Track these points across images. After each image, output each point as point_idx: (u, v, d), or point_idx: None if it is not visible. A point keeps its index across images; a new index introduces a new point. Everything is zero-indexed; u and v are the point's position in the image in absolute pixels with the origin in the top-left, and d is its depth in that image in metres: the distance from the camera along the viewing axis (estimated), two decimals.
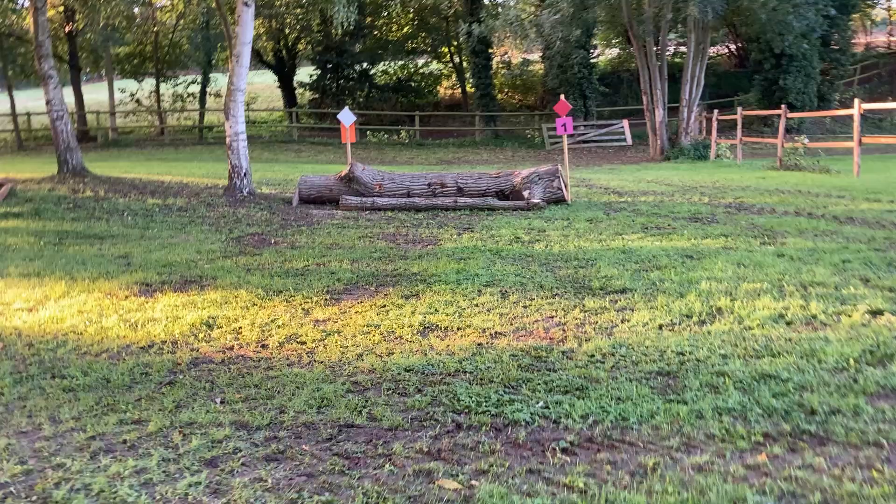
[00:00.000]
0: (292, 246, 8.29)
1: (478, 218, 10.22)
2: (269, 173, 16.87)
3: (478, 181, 11.30)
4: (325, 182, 11.55)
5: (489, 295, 5.70)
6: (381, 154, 27.44)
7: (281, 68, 35.99)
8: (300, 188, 11.53)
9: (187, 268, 7.07)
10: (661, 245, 7.69)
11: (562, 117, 11.27)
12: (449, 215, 10.53)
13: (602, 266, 6.65)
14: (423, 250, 7.89)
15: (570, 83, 29.35)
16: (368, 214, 10.70)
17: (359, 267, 7.01)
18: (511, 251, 7.62)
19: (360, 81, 34.95)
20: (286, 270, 6.91)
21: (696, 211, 10.15)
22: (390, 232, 9.20)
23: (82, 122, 32.11)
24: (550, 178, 11.08)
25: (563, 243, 8.04)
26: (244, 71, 11.40)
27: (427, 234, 9.03)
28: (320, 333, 4.80)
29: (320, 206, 11.35)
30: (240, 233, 9.19)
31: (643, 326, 4.78)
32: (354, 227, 9.56)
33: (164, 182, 13.33)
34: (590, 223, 9.43)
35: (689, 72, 20.40)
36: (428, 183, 11.33)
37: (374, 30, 36.13)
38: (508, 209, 10.76)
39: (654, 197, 11.71)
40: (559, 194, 11.09)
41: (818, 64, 30.72)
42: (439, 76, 38.81)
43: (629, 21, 20.18)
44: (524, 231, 8.96)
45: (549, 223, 9.51)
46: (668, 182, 13.96)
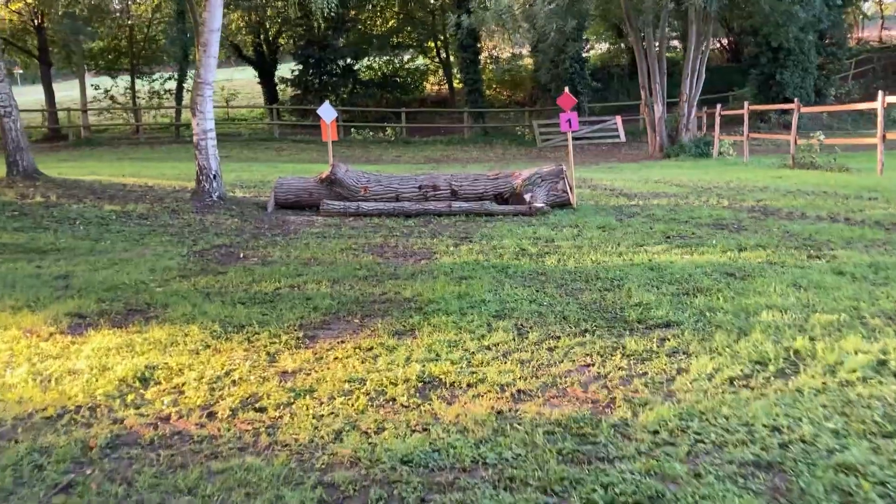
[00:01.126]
0: (263, 261, 7.14)
1: (475, 225, 9.10)
2: (246, 174, 15.68)
3: (474, 183, 10.18)
4: (304, 185, 10.39)
5: (502, 331, 4.58)
6: (367, 152, 26.27)
7: (261, 63, 34.71)
8: (276, 192, 10.37)
9: (135, 292, 5.90)
10: (693, 260, 6.60)
11: (566, 112, 10.17)
12: (443, 222, 9.41)
13: (632, 288, 5.55)
14: (416, 266, 6.76)
15: (562, 78, 28.28)
16: (352, 221, 9.56)
17: (340, 290, 5.87)
18: (519, 268, 6.50)
19: (344, 77, 33.73)
20: (253, 295, 5.76)
21: (718, 216, 9.08)
22: (377, 243, 8.06)
23: (53, 119, 30.73)
24: (554, 179, 9.98)
25: (577, 257, 6.93)
26: (212, 62, 10.22)
27: (419, 245, 7.90)
28: (287, 394, 3.66)
29: (299, 212, 10.19)
30: (204, 245, 8.01)
31: (709, 381, 3.68)
32: (336, 237, 8.42)
33: (127, 185, 12.11)
34: (603, 231, 8.34)
35: (690, 66, 19.38)
36: (419, 185, 10.19)
37: (357, 23, 34.91)
38: (509, 214, 9.64)
39: (668, 200, 10.63)
40: (564, 198, 9.99)
41: (815, 58, 29.86)
42: (426, 71, 37.67)
43: (627, 12, 19.13)
44: (530, 241, 7.84)
45: (556, 231, 8.40)
46: (677, 182, 12.89)
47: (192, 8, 11.05)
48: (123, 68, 33.39)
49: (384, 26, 35.89)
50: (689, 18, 18.71)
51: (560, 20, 18.11)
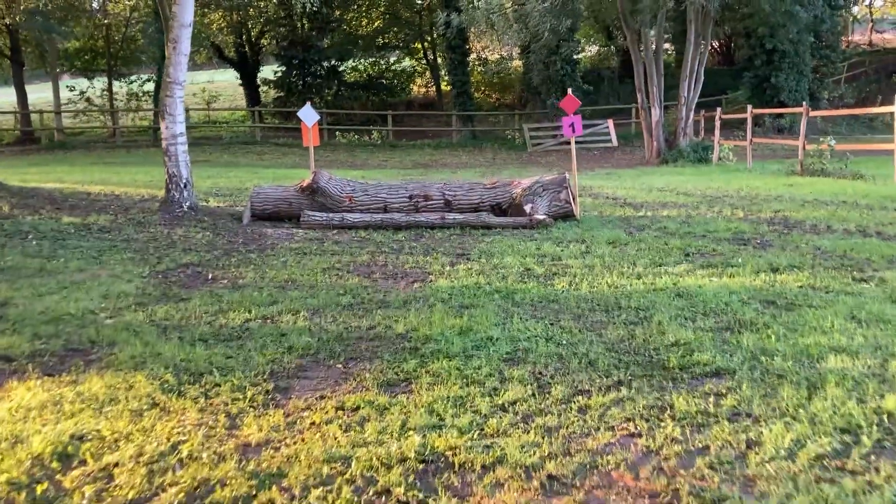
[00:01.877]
0: (234, 285, 6.27)
1: (472, 239, 8.27)
2: (223, 180, 14.78)
3: (469, 193, 9.35)
4: (284, 194, 9.52)
5: (518, 383, 3.75)
6: (352, 156, 25.40)
7: (244, 65, 33.75)
8: (253, 202, 9.49)
9: (80, 325, 5.02)
10: (723, 284, 5.80)
11: (569, 115, 9.37)
12: (436, 235, 8.57)
13: (663, 322, 4.74)
14: (409, 291, 5.93)
15: (553, 80, 27.57)
16: (336, 234, 8.70)
17: (321, 323, 5.02)
18: (527, 293, 5.68)
19: (329, 79, 32.83)
20: (217, 330, 4.90)
21: (737, 229, 8.31)
22: (364, 261, 7.21)
23: (25, 121, 29.65)
24: (557, 189, 9.17)
25: (591, 279, 6.12)
26: (183, 59, 9.34)
27: (411, 263, 7.07)
28: (248, 482, 2.81)
29: (277, 224, 9.32)
30: (169, 264, 7.13)
31: (791, 461, 2.87)
32: (318, 254, 7.56)
33: (92, 194, 11.18)
34: (613, 247, 7.53)
35: (688, 68, 18.66)
36: (409, 195, 9.35)
37: (342, 24, 34.04)
38: (508, 227, 8.83)
39: (678, 210, 9.85)
40: (567, 209, 9.19)
41: (810, 61, 29.33)
42: (412, 73, 36.85)
43: (623, 11, 18.40)
44: (535, 259, 7.03)
45: (562, 247, 7.59)
46: (683, 190, 12.13)
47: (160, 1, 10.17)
48: (100, 69, 32.37)
49: (370, 27, 35.05)
50: (688, 18, 18.01)
51: (554, 19, 17.34)
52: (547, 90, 27.98)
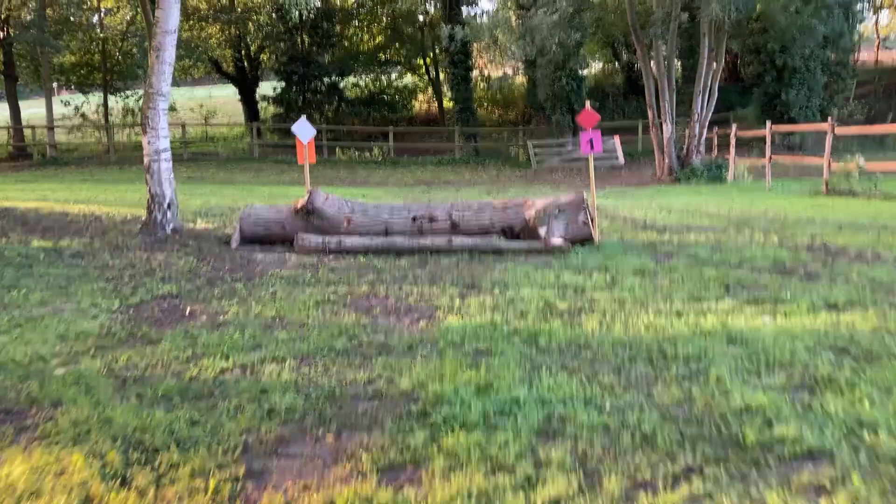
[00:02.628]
0: (213, 322, 5.46)
1: (482, 266, 7.47)
2: (215, 199, 13.99)
3: (478, 214, 8.55)
4: (276, 216, 8.73)
5: (558, 470, 2.93)
6: (352, 173, 24.65)
7: (242, 80, 33.10)
8: (242, 224, 8.69)
9: (22, 377, 4.21)
10: (781, 326, 4.99)
11: (587, 131, 8.59)
12: (442, 261, 7.77)
13: (723, 378, 3.93)
14: (414, 331, 5.12)
15: (558, 97, 26.88)
16: (333, 260, 7.90)
17: (310, 374, 4.21)
18: (552, 336, 4.86)
19: (329, 95, 32.19)
20: (186, 385, 4.08)
21: (775, 257, 7.50)
22: (362, 292, 6.40)
23: (18, 136, 28.95)
24: (574, 210, 8.37)
25: (624, 318, 5.31)
26: (167, 69, 8.58)
27: (416, 295, 6.26)
28: None
29: (269, 248, 8.51)
30: (145, 295, 6.32)
31: None
32: (311, 284, 6.76)
33: (70, 214, 10.39)
34: (643, 278, 6.73)
35: (701, 83, 17.93)
36: (413, 216, 8.56)
37: (343, 39, 33.42)
38: (521, 253, 8.02)
39: (705, 235, 9.05)
40: (585, 232, 8.38)
41: (822, 78, 28.66)
42: (414, 89, 36.19)
43: (633, 25, 17.71)
44: (556, 292, 6.22)
45: (584, 277, 6.78)
46: (704, 211, 11.34)
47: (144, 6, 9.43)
48: (96, 84, 31.71)
49: (371, 42, 34.45)
50: (701, 31, 17.31)
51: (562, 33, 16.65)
52: (552, 106, 27.29)
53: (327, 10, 32.16)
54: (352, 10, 33.78)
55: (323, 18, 31.69)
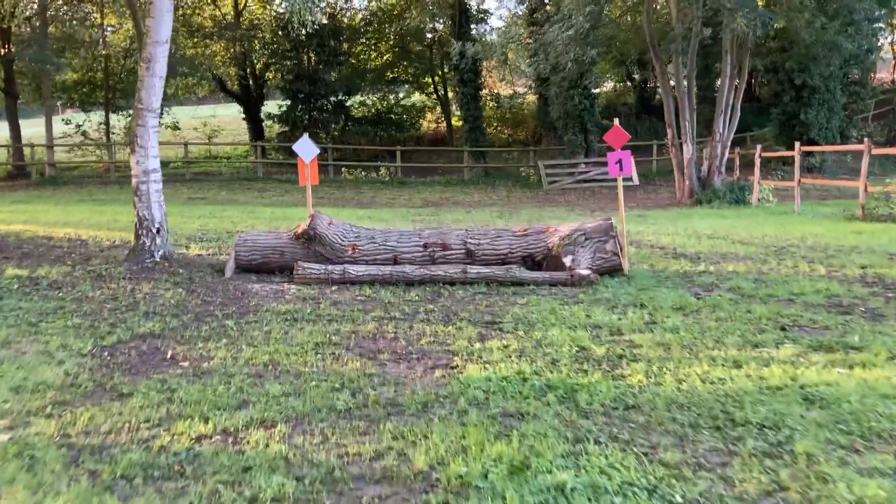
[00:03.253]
0: (197, 369, 4.72)
1: (502, 300, 6.72)
2: (214, 221, 13.29)
3: (495, 241, 7.81)
4: (275, 242, 8.00)
5: None
6: (358, 194, 23.97)
7: (247, 98, 32.55)
8: (238, 251, 7.97)
9: None
10: (860, 380, 4.23)
11: (616, 151, 7.86)
12: (457, 293, 7.03)
13: (814, 455, 3.18)
14: (429, 384, 4.37)
15: (571, 115, 26.21)
16: (336, 291, 7.16)
17: (304, 445, 3.46)
18: (593, 392, 4.11)
19: (336, 113, 31.59)
20: (152, 459, 3.33)
21: (828, 292, 6.74)
22: (368, 332, 5.66)
23: (18, 155, 28.39)
24: (602, 238, 7.62)
25: (673, 368, 4.55)
26: (157, 82, 7.90)
27: (429, 336, 5.51)
28: None
29: (266, 278, 7.79)
30: (123, 334, 5.59)
31: None
32: (311, 320, 6.02)
33: (53, 238, 9.70)
34: (685, 316, 5.97)
35: (723, 101, 17.22)
36: (424, 244, 7.82)
37: (350, 57, 32.88)
38: (544, 284, 7.27)
39: (743, 264, 8.29)
40: (614, 262, 7.63)
41: (841, 97, 27.96)
42: (422, 108, 35.58)
43: (651, 41, 17.05)
44: (588, 333, 5.47)
45: (619, 315, 6.03)
46: (736, 237, 10.57)
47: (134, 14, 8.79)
48: (98, 102, 31.21)
49: (379, 60, 33.90)
50: (723, 48, 16.64)
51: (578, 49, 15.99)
52: (564, 126, 26.61)
53: (334, 27, 31.66)
54: (359, 27, 33.26)
55: (330, 36, 31.17)
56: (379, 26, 32.59)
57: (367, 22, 33.30)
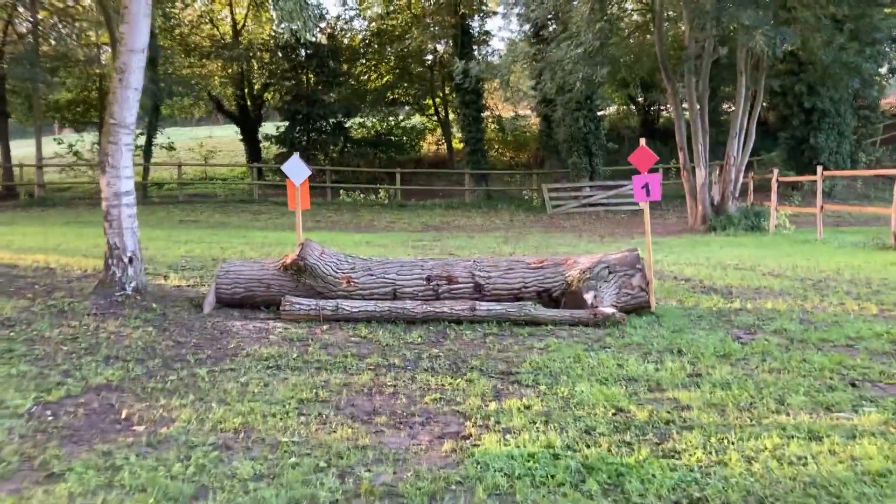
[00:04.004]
0: (152, 437, 3.85)
1: (517, 343, 5.88)
2: (201, 246, 12.44)
3: (507, 274, 6.97)
4: (260, 273, 7.15)
5: None
6: (356, 217, 23.17)
7: (245, 119, 31.84)
8: (219, 284, 7.11)
9: None
10: None
11: (642, 174, 7.04)
12: (465, 334, 6.18)
13: None
14: (435, 463, 3.51)
15: (575, 138, 25.48)
16: (328, 331, 6.32)
17: None
18: (646, 479, 3.25)
19: (334, 135, 30.87)
20: None
21: (890, 335, 5.89)
22: (362, 384, 4.80)
23: (8, 175, 27.59)
24: (627, 271, 6.79)
25: (734, 439, 3.70)
26: (132, 95, 7.09)
27: (434, 391, 4.65)
28: None
29: (250, 314, 6.93)
30: (74, 387, 4.72)
31: None
32: (297, 369, 5.16)
33: (19, 267, 8.84)
34: (731, 366, 5.12)
35: (738, 123, 16.49)
36: (427, 276, 6.98)
37: (350, 78, 32.23)
38: (563, 324, 6.42)
39: (782, 301, 7.44)
40: (641, 299, 6.79)
41: (851, 121, 27.30)
42: (423, 130, 34.90)
43: (662, 61, 16.34)
44: (623, 388, 4.62)
45: (654, 364, 5.18)
46: (765, 269, 9.73)
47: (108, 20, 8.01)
48: (93, 121, 30.49)
49: (379, 82, 33.24)
50: (738, 69, 15.93)
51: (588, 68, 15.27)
52: (568, 149, 25.87)
53: (334, 48, 31.05)
54: (359, 48, 32.64)
55: (329, 56, 30.56)
56: (379, 47, 31.96)
57: (368, 43, 32.71)
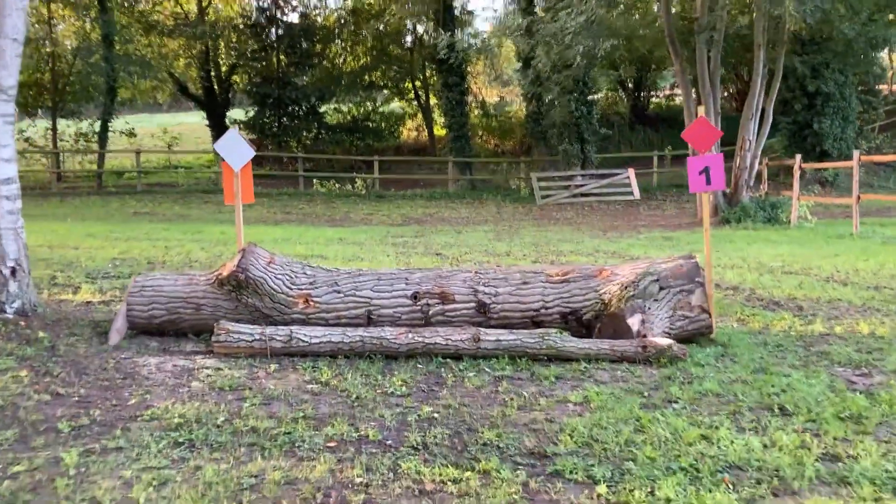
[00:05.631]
0: None
1: (544, 394, 4.14)
2: (142, 245, 10.54)
3: (520, 290, 5.19)
4: (188, 290, 5.30)
5: None
6: (331, 209, 21.28)
7: (211, 104, 29.71)
8: (132, 305, 5.27)
9: None
10: None
11: (701, 154, 5.30)
12: (468, 378, 4.43)
13: None
14: None
15: (566, 124, 23.74)
16: (276, 372, 4.53)
17: None
18: None
19: (308, 120, 28.88)
20: None
21: None
22: (316, 484, 3.02)
23: None
24: (683, 285, 5.05)
25: None
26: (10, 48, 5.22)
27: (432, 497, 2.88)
28: None
29: (173, 346, 5.12)
30: None
31: None
32: (219, 449, 3.38)
33: None
34: (874, 439, 3.39)
35: (754, 104, 14.82)
36: (413, 293, 5.19)
37: (324, 59, 30.21)
38: (600, 359, 4.67)
39: (877, 320, 5.74)
40: (701, 323, 5.05)
41: (857, 105, 25.85)
42: (402, 115, 32.97)
43: (669, 35, 14.64)
44: (730, 491, 2.86)
45: (755, 434, 3.47)
46: (821, 273, 8.04)
47: None
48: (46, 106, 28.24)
49: (355, 64, 31.24)
50: (756, 42, 14.24)
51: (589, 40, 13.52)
52: (559, 135, 24.14)
53: (306, 27, 29.03)
54: (334, 27, 30.58)
55: (301, 36, 28.56)
56: (355, 26, 29.95)
57: (343, 21, 30.66)
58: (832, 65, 24.55)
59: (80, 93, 27.90)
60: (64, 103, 27.46)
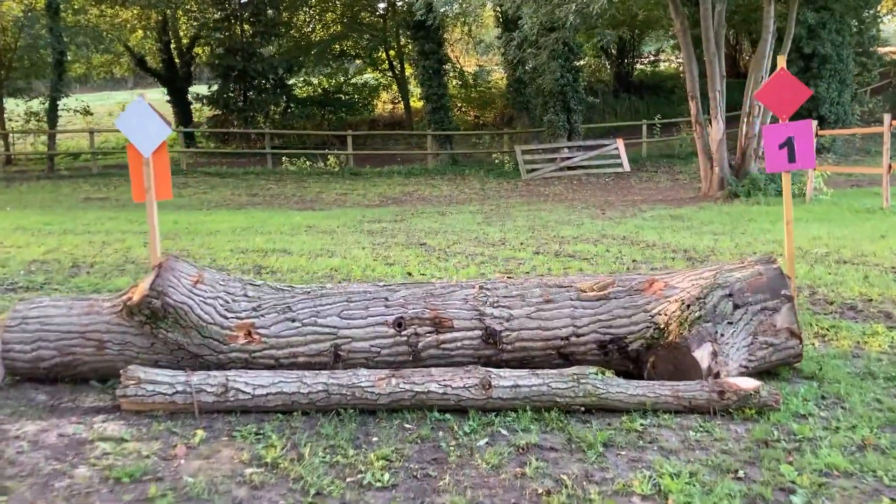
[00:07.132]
0: None
1: (592, 479, 2.77)
2: (74, 242, 9.01)
3: (542, 312, 3.82)
4: (85, 321, 3.87)
5: None
6: (301, 188, 19.75)
7: (172, 78, 27.85)
8: (9, 342, 3.84)
9: None
10: None
11: (781, 124, 3.93)
12: (476, 450, 3.08)
13: None
14: None
15: (552, 93, 22.31)
16: (201, 446, 3.14)
17: None
18: None
19: (275, 94, 27.16)
20: None
21: None
22: None
23: None
24: (764, 301, 3.70)
25: None
26: None
27: None
28: None
29: (66, 398, 3.71)
30: None
31: None
32: None
33: None
34: None
35: (765, 65, 13.48)
36: (397, 318, 3.79)
37: (291, 28, 28.42)
38: (663, 412, 3.33)
39: None
40: (790, 352, 3.72)
41: (854, 68, 24.71)
42: (376, 87, 31.30)
43: None
44: None
45: None
46: (880, 262, 6.76)
47: None
48: None
49: (324, 32, 29.45)
50: None
51: None
52: (543, 104, 22.73)
53: None
54: None
55: (267, 4, 26.73)
56: None
57: None
58: (829, 24, 23.37)
59: (27, 68, 25.95)
60: (11, 80, 25.52)
